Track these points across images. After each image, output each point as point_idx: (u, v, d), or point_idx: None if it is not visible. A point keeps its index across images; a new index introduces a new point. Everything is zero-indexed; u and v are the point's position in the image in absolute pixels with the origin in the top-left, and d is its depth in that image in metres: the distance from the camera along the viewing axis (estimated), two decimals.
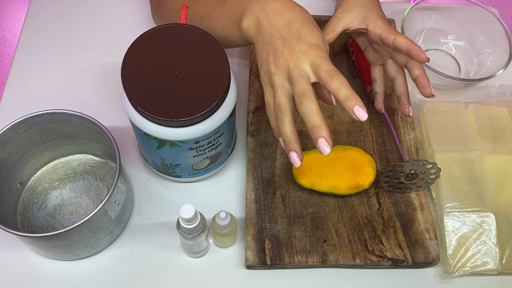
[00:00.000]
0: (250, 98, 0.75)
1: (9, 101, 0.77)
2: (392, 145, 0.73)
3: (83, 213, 0.68)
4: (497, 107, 0.76)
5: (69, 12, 0.86)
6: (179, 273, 0.65)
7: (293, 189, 0.69)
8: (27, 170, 0.68)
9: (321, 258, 0.64)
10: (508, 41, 0.78)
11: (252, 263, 0.63)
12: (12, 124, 0.61)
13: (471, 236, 0.66)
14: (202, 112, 0.55)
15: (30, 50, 0.82)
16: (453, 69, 0.84)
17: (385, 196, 0.69)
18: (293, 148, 0.54)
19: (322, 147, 0.51)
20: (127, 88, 0.56)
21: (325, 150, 0.50)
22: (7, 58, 1.33)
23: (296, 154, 0.54)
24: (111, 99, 0.78)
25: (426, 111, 0.75)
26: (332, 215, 0.67)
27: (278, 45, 0.54)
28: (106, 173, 0.70)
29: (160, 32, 0.59)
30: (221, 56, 0.58)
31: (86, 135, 0.66)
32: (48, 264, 0.65)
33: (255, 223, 0.65)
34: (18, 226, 0.66)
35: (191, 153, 0.62)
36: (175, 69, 0.57)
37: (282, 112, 0.54)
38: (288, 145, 0.54)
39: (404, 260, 0.64)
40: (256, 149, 0.71)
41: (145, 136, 0.59)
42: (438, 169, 0.65)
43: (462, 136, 0.73)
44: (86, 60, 0.81)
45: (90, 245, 0.62)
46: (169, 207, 0.69)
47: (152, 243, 0.67)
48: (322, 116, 0.51)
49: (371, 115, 0.75)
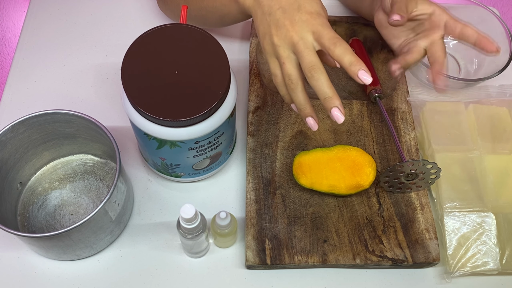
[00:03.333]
0: (250, 98, 0.75)
1: (9, 101, 0.77)
2: (392, 145, 0.73)
3: (83, 213, 0.67)
4: (497, 107, 0.76)
5: (69, 12, 0.86)
6: (179, 273, 0.65)
7: (293, 189, 0.69)
8: (27, 170, 0.68)
9: (321, 258, 0.64)
10: (508, 41, 0.78)
11: (252, 263, 0.63)
12: (12, 124, 0.61)
13: (471, 236, 0.66)
14: (202, 112, 0.55)
15: (30, 50, 0.82)
16: (453, 69, 0.84)
17: (385, 196, 0.69)
18: (308, 113, 0.57)
19: (336, 116, 0.53)
20: (127, 88, 0.56)
21: (340, 118, 0.53)
22: (7, 58, 1.33)
23: (312, 119, 0.57)
24: (111, 99, 0.78)
25: (426, 111, 0.75)
26: (332, 215, 0.67)
27: (279, 16, 0.56)
28: (106, 173, 0.70)
29: (160, 32, 0.59)
30: (221, 56, 0.58)
31: (86, 135, 0.66)
32: (48, 264, 0.65)
33: (255, 223, 0.65)
34: (18, 226, 0.66)
35: (191, 153, 0.62)
36: (175, 69, 0.57)
37: (293, 82, 0.56)
38: (303, 112, 0.57)
39: (404, 260, 0.64)
40: (256, 149, 0.71)
41: (145, 136, 0.59)
42: (438, 169, 0.65)
43: (462, 136, 0.73)
44: (86, 60, 0.81)
45: (90, 245, 0.62)
46: (169, 207, 0.69)
47: (152, 243, 0.67)
48: (333, 87, 0.54)
49: (371, 115, 0.75)
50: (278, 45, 0.56)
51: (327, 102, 0.54)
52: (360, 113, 0.75)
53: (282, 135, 0.72)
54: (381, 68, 0.80)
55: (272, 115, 0.74)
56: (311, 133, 0.73)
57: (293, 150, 0.71)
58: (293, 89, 0.57)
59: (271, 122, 0.73)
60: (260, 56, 0.79)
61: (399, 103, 0.76)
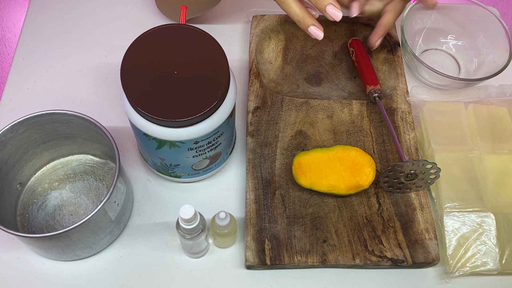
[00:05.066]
0: (250, 98, 0.75)
1: (8, 101, 0.77)
2: (392, 145, 0.73)
3: (82, 214, 0.68)
4: (497, 107, 0.76)
5: (69, 12, 0.86)
6: (179, 273, 0.65)
7: (292, 189, 0.69)
8: (26, 171, 0.68)
9: (321, 258, 0.64)
10: (508, 41, 0.78)
11: (252, 263, 0.63)
12: (12, 124, 0.61)
13: (471, 236, 0.66)
14: (202, 112, 0.55)
15: (30, 50, 0.82)
16: (453, 69, 0.84)
17: (385, 196, 0.69)
18: (309, 22, 0.56)
19: (332, 13, 0.53)
20: (126, 89, 0.56)
21: (337, 14, 0.53)
22: (7, 58, 1.33)
23: (315, 27, 0.56)
24: (111, 99, 0.78)
25: (426, 111, 0.75)
26: (332, 215, 0.67)
27: None
28: (106, 173, 0.70)
29: (160, 32, 0.59)
30: (220, 56, 0.58)
31: (85, 135, 0.66)
32: (48, 264, 0.65)
33: (255, 223, 0.65)
34: (18, 226, 0.66)
35: (190, 153, 0.62)
36: (174, 69, 0.57)
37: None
38: (303, 23, 0.56)
39: (404, 260, 0.64)
40: (255, 149, 0.71)
41: (144, 136, 0.59)
42: (438, 169, 0.65)
43: (462, 136, 0.73)
44: (86, 61, 0.81)
45: (89, 246, 0.62)
46: (168, 207, 0.69)
47: (152, 243, 0.67)
48: (303, 8, 0.54)
49: (371, 115, 0.75)
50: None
51: (319, 2, 0.53)
52: (360, 113, 0.75)
53: (281, 135, 0.72)
54: (381, 68, 0.80)
55: (272, 115, 0.74)
56: (310, 133, 0.73)
57: (293, 150, 0.71)
58: (283, 2, 0.56)
59: (270, 122, 0.73)
60: (260, 56, 0.79)
61: (399, 103, 0.76)
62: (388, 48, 0.81)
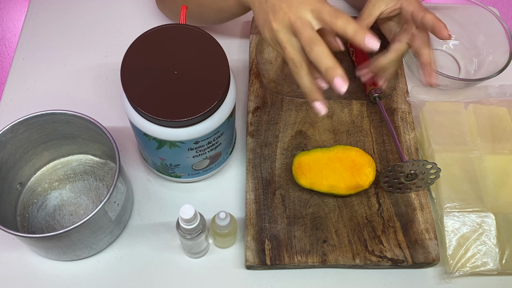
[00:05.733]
0: (250, 98, 0.75)
1: (9, 101, 0.77)
2: (392, 145, 0.73)
3: (82, 214, 0.68)
4: (497, 107, 0.76)
5: (69, 12, 0.86)
6: (179, 273, 0.65)
7: (292, 189, 0.69)
8: (27, 171, 0.68)
9: (321, 258, 0.64)
10: (508, 41, 0.78)
11: (252, 263, 0.63)
12: (12, 124, 0.61)
13: (471, 236, 0.66)
14: (202, 112, 0.55)
15: (30, 50, 0.82)
16: (453, 69, 0.84)
17: (385, 196, 0.69)
18: (315, 97, 0.55)
19: (340, 85, 0.51)
20: (126, 89, 0.56)
21: (342, 88, 0.51)
22: (7, 58, 1.33)
23: (320, 103, 0.55)
24: (111, 99, 0.78)
25: (426, 111, 0.75)
26: (332, 215, 0.67)
27: (275, 1, 0.55)
28: (106, 173, 0.70)
29: (160, 32, 0.59)
30: (221, 56, 0.58)
31: (85, 135, 0.66)
32: (48, 264, 0.65)
33: (255, 224, 0.65)
34: (18, 226, 0.66)
35: (190, 154, 0.62)
36: (174, 70, 0.57)
37: (297, 66, 0.54)
38: (310, 96, 0.55)
39: (404, 260, 0.64)
40: (256, 149, 0.71)
41: (144, 136, 0.59)
42: (438, 169, 0.65)
43: (462, 136, 0.73)
44: (86, 61, 0.81)
45: (90, 246, 0.62)
46: (168, 208, 0.69)
47: (152, 243, 0.67)
48: (334, 57, 0.52)
49: (371, 115, 0.75)
50: (277, 30, 0.54)
51: (328, 73, 0.51)
52: (360, 113, 0.75)
53: (281, 135, 0.72)
54: None
55: (272, 115, 0.74)
56: (310, 133, 0.73)
57: (293, 150, 0.71)
58: (297, 73, 0.55)
59: (270, 122, 0.73)
60: (260, 56, 0.79)
61: (399, 103, 0.76)
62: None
